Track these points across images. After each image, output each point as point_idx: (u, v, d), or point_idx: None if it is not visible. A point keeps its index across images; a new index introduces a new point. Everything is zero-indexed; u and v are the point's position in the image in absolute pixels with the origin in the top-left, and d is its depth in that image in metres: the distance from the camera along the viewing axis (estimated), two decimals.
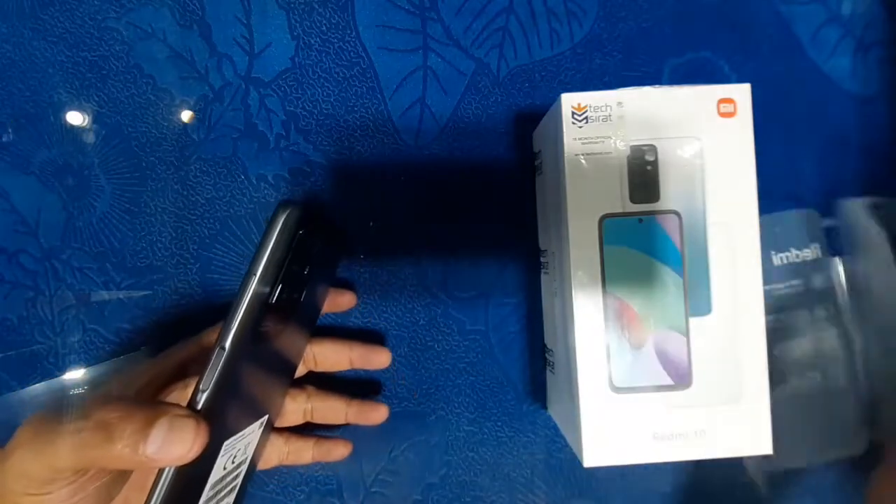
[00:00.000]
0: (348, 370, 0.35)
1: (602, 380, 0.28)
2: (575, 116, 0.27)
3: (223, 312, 0.23)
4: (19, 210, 0.35)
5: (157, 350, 0.36)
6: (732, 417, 0.28)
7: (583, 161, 0.27)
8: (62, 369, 0.36)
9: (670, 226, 0.28)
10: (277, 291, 0.24)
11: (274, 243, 0.24)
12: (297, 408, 0.32)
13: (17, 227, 0.35)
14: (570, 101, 0.27)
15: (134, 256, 0.36)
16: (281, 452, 0.32)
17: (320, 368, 0.33)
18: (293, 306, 0.27)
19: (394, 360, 0.35)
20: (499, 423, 0.36)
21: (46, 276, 0.35)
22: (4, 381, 0.35)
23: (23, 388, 0.35)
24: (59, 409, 0.22)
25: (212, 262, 0.36)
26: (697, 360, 0.28)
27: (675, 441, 0.28)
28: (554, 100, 0.29)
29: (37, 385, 0.35)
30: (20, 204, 0.35)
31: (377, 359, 0.34)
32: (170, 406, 0.22)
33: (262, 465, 0.31)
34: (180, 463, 0.21)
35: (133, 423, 0.21)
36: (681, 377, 0.28)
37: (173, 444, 0.21)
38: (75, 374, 0.36)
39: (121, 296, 0.36)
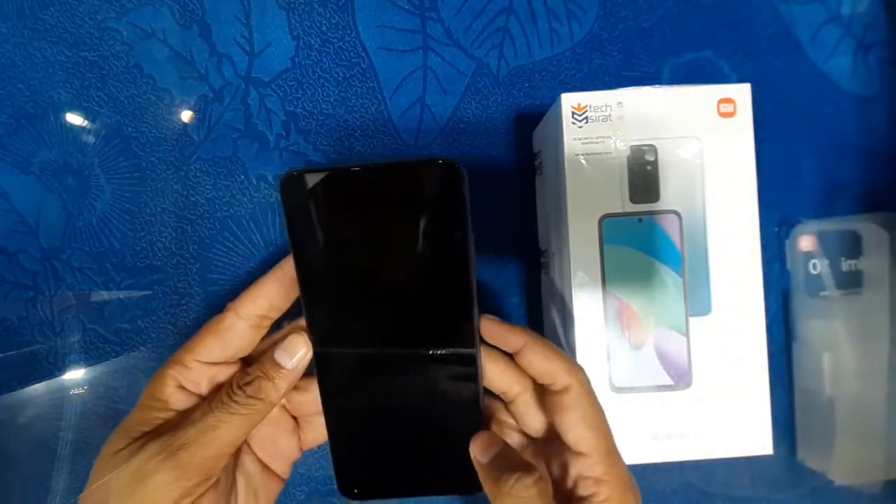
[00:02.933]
0: None
1: (602, 380, 0.28)
2: (575, 116, 0.27)
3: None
4: (19, 210, 0.35)
5: (157, 350, 0.36)
6: (732, 417, 0.28)
7: (583, 161, 0.27)
8: (62, 369, 0.36)
9: (670, 226, 0.28)
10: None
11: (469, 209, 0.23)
12: None
13: (17, 227, 0.35)
14: (570, 101, 0.27)
15: (134, 256, 0.36)
16: None
17: None
18: None
19: None
20: None
21: (46, 276, 0.35)
22: (4, 382, 0.35)
23: (23, 388, 0.35)
24: None
25: (212, 262, 0.36)
26: (697, 360, 0.28)
27: (675, 441, 0.28)
28: (554, 100, 0.29)
29: (37, 385, 0.35)
30: (20, 204, 0.35)
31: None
32: None
33: None
34: None
35: None
36: (681, 377, 0.28)
37: None
38: (75, 374, 0.36)
39: (121, 296, 0.36)
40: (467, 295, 0.24)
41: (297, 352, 0.25)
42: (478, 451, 0.25)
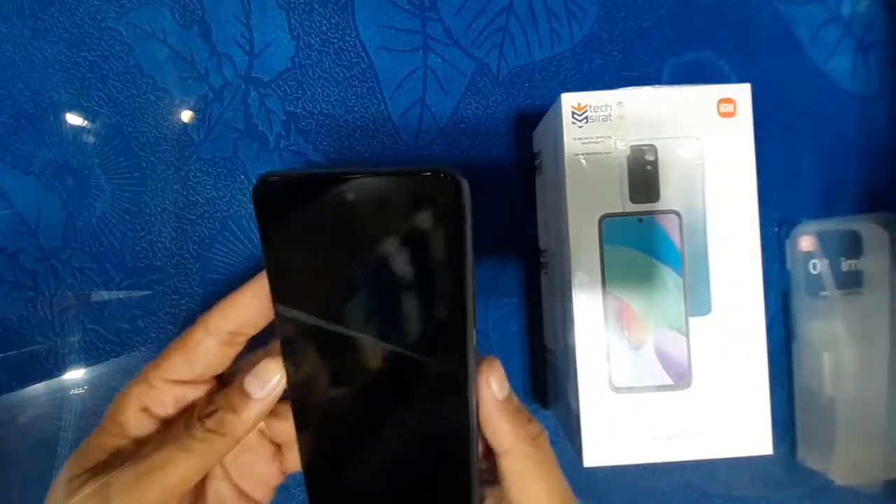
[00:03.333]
0: None
1: (602, 380, 0.28)
2: (575, 116, 0.27)
3: None
4: (19, 210, 0.35)
5: (157, 350, 0.36)
6: (732, 417, 0.28)
7: (583, 161, 0.27)
8: (62, 369, 0.36)
9: (670, 226, 0.28)
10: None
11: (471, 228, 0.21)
12: None
13: (17, 227, 0.35)
14: (570, 101, 0.27)
15: (134, 256, 0.36)
16: None
17: None
18: None
19: None
20: None
21: (46, 276, 0.35)
22: (4, 382, 0.35)
23: (23, 388, 0.35)
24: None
25: (212, 262, 0.36)
26: (697, 360, 0.28)
27: (675, 441, 0.28)
28: (554, 100, 0.29)
29: (37, 385, 0.35)
30: (20, 204, 0.35)
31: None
32: None
33: None
34: None
35: None
36: (681, 377, 0.28)
37: None
38: (75, 374, 0.36)
39: (121, 296, 0.36)
40: (462, 323, 0.22)
41: (270, 379, 0.22)
42: (496, 382, 0.22)
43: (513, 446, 0.22)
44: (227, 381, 0.24)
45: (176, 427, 0.22)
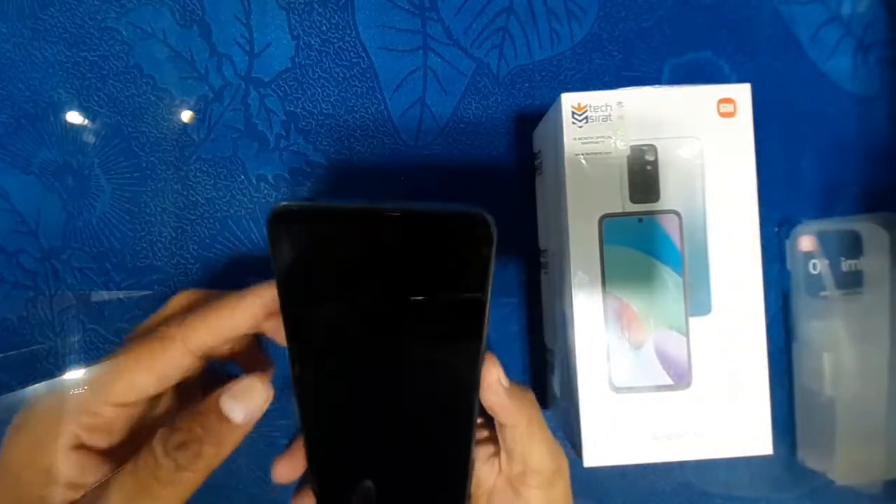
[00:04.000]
0: None
1: (602, 380, 0.28)
2: (575, 116, 0.27)
3: None
4: (19, 210, 0.35)
5: None
6: (732, 417, 0.28)
7: (583, 161, 0.27)
8: (62, 369, 0.36)
9: (670, 226, 0.28)
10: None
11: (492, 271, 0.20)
12: None
13: (17, 227, 0.35)
14: (570, 101, 0.27)
15: (134, 256, 0.36)
16: None
17: None
18: None
19: None
20: None
21: (46, 276, 0.35)
22: (4, 382, 0.35)
23: (23, 388, 0.35)
24: None
25: (212, 262, 0.36)
26: (697, 360, 0.28)
27: (675, 441, 0.28)
28: (554, 100, 0.29)
29: (37, 385, 0.35)
30: (20, 204, 0.35)
31: None
32: None
33: None
34: None
35: None
36: (681, 377, 0.28)
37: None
38: (75, 374, 0.36)
39: (121, 296, 0.36)
40: (474, 367, 0.22)
41: (254, 401, 0.19)
42: (502, 375, 0.23)
43: (520, 418, 0.23)
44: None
45: (139, 465, 0.18)
